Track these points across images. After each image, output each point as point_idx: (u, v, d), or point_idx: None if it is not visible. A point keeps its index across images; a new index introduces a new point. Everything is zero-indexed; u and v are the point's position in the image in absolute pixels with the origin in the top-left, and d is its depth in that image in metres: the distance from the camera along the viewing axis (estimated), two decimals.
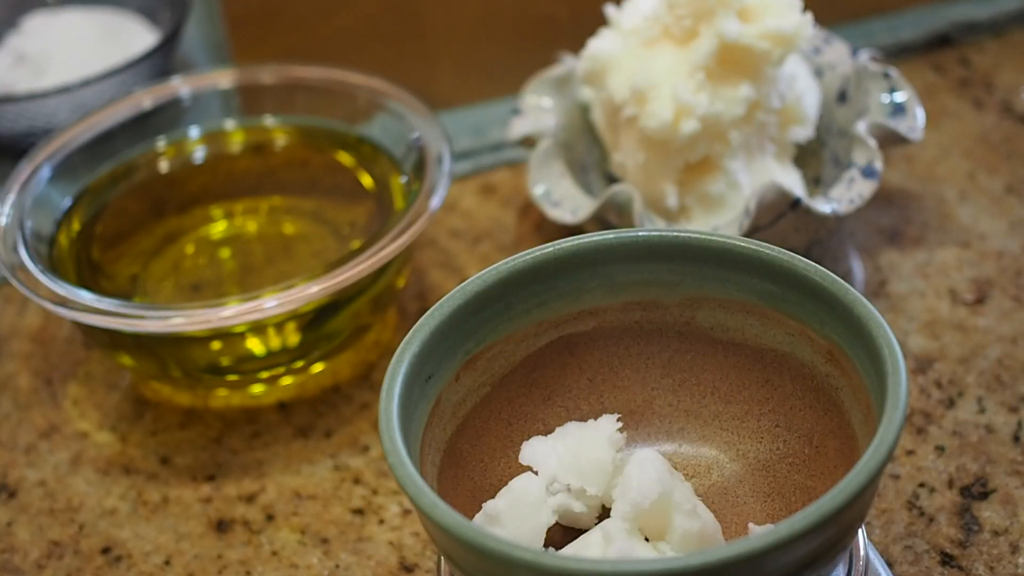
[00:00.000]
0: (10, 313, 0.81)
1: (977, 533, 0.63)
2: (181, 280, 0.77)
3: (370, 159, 0.79)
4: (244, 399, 0.74)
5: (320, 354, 0.73)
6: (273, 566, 0.65)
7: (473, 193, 0.86)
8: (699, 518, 0.54)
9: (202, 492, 0.69)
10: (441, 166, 0.73)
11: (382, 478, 0.69)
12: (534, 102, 0.80)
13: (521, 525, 0.55)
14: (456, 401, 0.58)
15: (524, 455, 0.58)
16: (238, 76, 0.83)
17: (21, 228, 0.74)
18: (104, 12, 0.99)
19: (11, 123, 0.90)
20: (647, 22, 0.75)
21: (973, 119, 0.87)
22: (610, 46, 0.76)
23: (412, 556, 0.65)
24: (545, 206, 0.75)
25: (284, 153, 0.83)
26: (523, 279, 0.59)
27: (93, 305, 0.68)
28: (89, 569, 0.66)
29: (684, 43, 0.74)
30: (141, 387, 0.76)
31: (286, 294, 0.67)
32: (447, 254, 0.81)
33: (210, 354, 0.72)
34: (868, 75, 0.76)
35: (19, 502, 0.70)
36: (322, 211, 0.80)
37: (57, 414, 0.74)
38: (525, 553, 0.47)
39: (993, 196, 0.81)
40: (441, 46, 0.92)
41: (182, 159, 0.82)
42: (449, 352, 0.58)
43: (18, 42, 0.97)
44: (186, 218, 0.80)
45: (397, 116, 0.78)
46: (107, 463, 0.71)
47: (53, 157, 0.78)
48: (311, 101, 0.82)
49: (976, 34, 0.94)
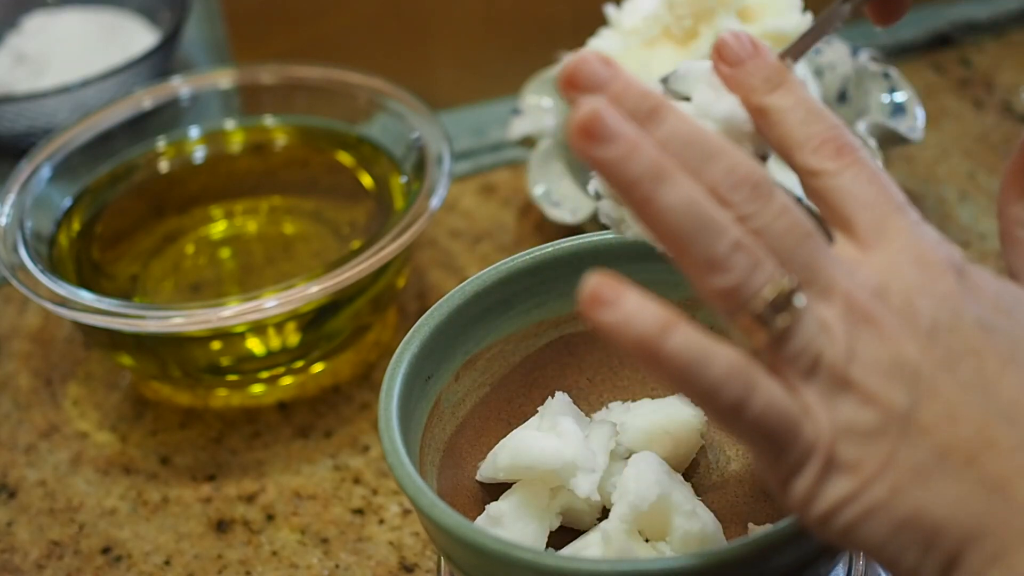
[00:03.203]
0: (10, 313, 0.81)
1: None
2: (181, 280, 0.77)
3: (370, 159, 0.79)
4: (244, 399, 0.74)
5: (320, 354, 0.73)
6: (273, 566, 0.65)
7: (473, 193, 0.86)
8: (699, 519, 0.53)
9: (202, 492, 0.69)
10: (441, 166, 0.73)
11: (382, 478, 0.69)
12: (534, 102, 0.80)
13: (524, 528, 0.54)
14: (456, 401, 0.58)
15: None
16: (238, 76, 0.83)
17: (21, 228, 0.74)
18: (104, 12, 0.99)
19: (11, 123, 0.90)
20: (647, 22, 0.75)
21: (973, 119, 0.87)
22: (610, 46, 0.76)
23: (412, 556, 0.65)
24: (545, 206, 0.75)
25: (284, 153, 0.83)
26: (523, 279, 0.59)
27: (93, 305, 0.68)
28: (89, 569, 0.66)
29: (684, 43, 0.74)
30: (141, 387, 0.76)
31: (286, 294, 0.67)
32: (447, 254, 0.81)
33: (210, 354, 0.72)
34: (868, 75, 0.76)
35: (19, 502, 0.70)
36: (322, 211, 0.80)
37: (57, 414, 0.74)
38: (525, 553, 0.47)
39: (993, 196, 0.81)
40: (441, 46, 0.92)
41: (182, 159, 0.82)
42: (449, 352, 0.58)
43: (18, 42, 0.97)
44: (186, 218, 0.80)
45: (397, 116, 0.78)
46: (107, 463, 0.71)
47: (53, 157, 0.78)
48: (311, 101, 0.82)
49: (976, 34, 0.94)
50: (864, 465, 0.41)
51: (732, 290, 0.42)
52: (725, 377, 0.41)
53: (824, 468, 0.41)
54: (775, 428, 0.41)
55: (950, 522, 0.41)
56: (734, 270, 0.42)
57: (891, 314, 0.42)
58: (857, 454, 0.41)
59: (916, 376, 0.42)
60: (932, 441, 0.41)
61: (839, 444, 0.41)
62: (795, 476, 0.42)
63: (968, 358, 0.42)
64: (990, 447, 0.41)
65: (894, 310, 0.42)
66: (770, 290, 0.42)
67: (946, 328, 0.42)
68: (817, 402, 0.42)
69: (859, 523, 0.41)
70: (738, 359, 0.41)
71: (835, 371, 0.42)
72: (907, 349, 0.42)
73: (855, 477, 0.41)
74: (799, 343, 0.42)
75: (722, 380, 0.41)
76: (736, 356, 0.41)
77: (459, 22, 0.91)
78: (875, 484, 0.41)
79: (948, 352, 0.42)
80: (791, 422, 0.42)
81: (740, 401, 0.41)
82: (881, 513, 0.41)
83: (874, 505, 0.41)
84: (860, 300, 0.42)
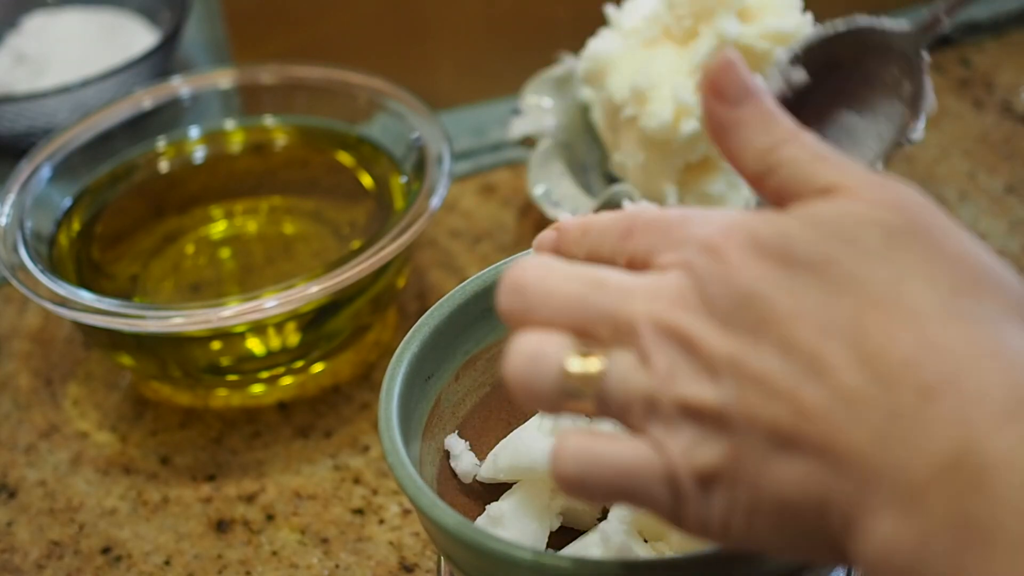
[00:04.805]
0: (10, 313, 0.81)
1: None
2: (181, 280, 0.77)
3: (370, 159, 0.79)
4: (244, 399, 0.74)
5: (320, 354, 0.73)
6: (273, 566, 0.65)
7: (473, 193, 0.86)
8: None
9: (202, 492, 0.69)
10: (441, 166, 0.73)
11: (382, 478, 0.69)
12: (534, 102, 0.80)
13: (524, 528, 0.54)
14: (456, 401, 0.58)
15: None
16: (238, 76, 0.83)
17: (21, 228, 0.74)
18: (104, 12, 0.99)
19: (11, 123, 0.90)
20: (647, 22, 0.75)
21: (973, 119, 0.87)
22: (610, 46, 0.76)
23: (412, 556, 0.65)
24: (545, 206, 0.75)
25: (284, 153, 0.83)
26: None
27: (93, 305, 0.68)
28: (89, 569, 0.66)
29: (684, 43, 0.74)
30: (141, 387, 0.76)
31: (286, 294, 0.67)
32: (447, 254, 0.81)
33: (210, 354, 0.72)
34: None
35: (19, 502, 0.70)
36: (322, 211, 0.80)
37: (57, 414, 0.74)
38: (525, 553, 0.47)
39: (993, 196, 0.81)
40: (441, 46, 0.92)
41: (182, 159, 0.82)
42: (449, 352, 0.58)
43: (18, 42, 0.97)
44: (186, 218, 0.80)
45: (397, 116, 0.78)
46: (107, 463, 0.71)
47: (53, 157, 0.78)
48: (311, 101, 0.82)
49: (976, 34, 0.94)
50: (723, 473, 0.41)
51: (523, 384, 0.43)
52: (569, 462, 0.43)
53: (697, 489, 0.41)
54: (629, 487, 0.42)
55: (804, 500, 0.40)
56: (517, 369, 0.43)
57: (692, 316, 0.42)
58: (712, 464, 0.41)
59: (731, 366, 0.41)
60: (757, 426, 0.40)
61: (695, 463, 0.41)
62: (679, 511, 0.42)
63: (762, 327, 0.41)
64: (804, 414, 0.40)
65: (693, 310, 0.42)
66: (555, 364, 0.43)
67: (737, 305, 0.41)
68: (664, 435, 0.42)
69: (748, 527, 0.41)
70: (579, 443, 0.43)
71: (663, 399, 0.42)
72: (714, 344, 0.41)
73: (723, 485, 0.41)
74: (617, 395, 0.42)
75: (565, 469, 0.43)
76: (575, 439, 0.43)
77: (459, 22, 0.91)
78: (738, 484, 0.41)
79: (745, 330, 0.41)
80: (639, 473, 0.42)
81: (587, 480, 0.42)
82: (757, 510, 0.41)
83: (748, 504, 0.41)
84: (663, 318, 0.42)
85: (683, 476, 0.42)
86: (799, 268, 0.41)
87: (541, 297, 0.44)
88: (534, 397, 0.43)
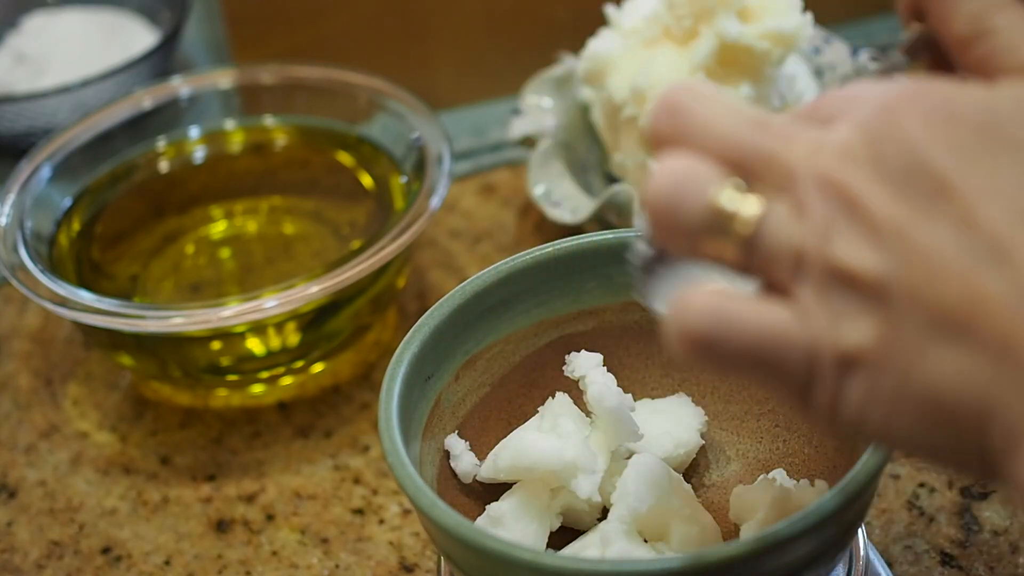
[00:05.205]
0: (10, 313, 0.81)
1: (977, 533, 0.63)
2: (181, 280, 0.77)
3: (370, 159, 0.79)
4: (244, 399, 0.74)
5: (320, 354, 0.73)
6: (273, 566, 0.65)
7: (473, 193, 0.86)
8: (698, 522, 0.53)
9: (202, 492, 0.69)
10: (441, 166, 0.73)
11: (382, 478, 0.69)
12: (534, 102, 0.80)
13: (524, 528, 0.54)
14: (456, 401, 0.58)
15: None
16: (238, 76, 0.83)
17: (21, 228, 0.74)
18: (104, 12, 0.99)
19: (11, 123, 0.90)
20: (647, 22, 0.75)
21: None
22: (610, 46, 0.76)
23: (412, 556, 0.65)
24: (545, 206, 0.75)
25: (284, 153, 0.83)
26: (523, 279, 0.59)
27: (93, 305, 0.68)
28: (89, 569, 0.66)
29: (684, 43, 0.74)
30: (141, 387, 0.76)
31: (286, 294, 0.67)
32: (447, 254, 0.81)
33: (210, 354, 0.72)
34: (868, 75, 0.76)
35: (19, 502, 0.70)
36: (322, 211, 0.80)
37: (57, 414, 0.74)
38: (524, 553, 0.47)
39: None
40: (441, 46, 0.92)
41: (182, 159, 0.82)
42: (449, 352, 0.58)
43: (18, 42, 0.97)
44: (186, 218, 0.80)
45: (397, 116, 0.78)
46: (107, 463, 0.71)
47: (53, 157, 0.78)
48: (311, 101, 0.82)
49: None
50: (871, 354, 0.37)
51: (665, 208, 0.39)
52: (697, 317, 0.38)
53: (836, 371, 0.37)
54: (763, 356, 0.38)
55: (962, 400, 0.36)
56: (661, 191, 0.39)
57: (859, 173, 0.38)
58: (861, 342, 0.37)
59: (897, 234, 0.37)
60: (921, 306, 0.36)
61: (842, 339, 0.37)
62: (810, 391, 0.38)
63: (941, 199, 0.37)
64: (979, 303, 0.36)
65: (861, 166, 0.38)
66: (705, 193, 0.39)
67: (914, 171, 0.37)
68: (812, 300, 0.38)
69: (888, 419, 0.37)
70: (710, 300, 0.38)
71: (816, 258, 0.38)
72: (881, 206, 0.37)
73: (866, 369, 0.37)
74: (769, 243, 0.38)
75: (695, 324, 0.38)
76: (704, 295, 0.39)
77: (459, 22, 0.91)
78: (885, 370, 0.37)
79: (920, 198, 0.37)
80: (777, 341, 0.38)
81: (716, 341, 0.38)
82: (901, 401, 0.37)
83: (892, 394, 0.37)
84: (827, 170, 0.38)
85: (825, 352, 0.38)
86: (999, 147, 0.37)
87: (700, 122, 0.40)
88: (673, 226, 0.39)
